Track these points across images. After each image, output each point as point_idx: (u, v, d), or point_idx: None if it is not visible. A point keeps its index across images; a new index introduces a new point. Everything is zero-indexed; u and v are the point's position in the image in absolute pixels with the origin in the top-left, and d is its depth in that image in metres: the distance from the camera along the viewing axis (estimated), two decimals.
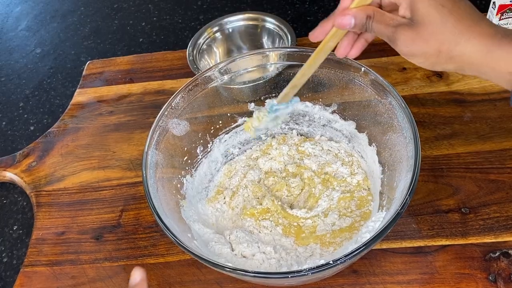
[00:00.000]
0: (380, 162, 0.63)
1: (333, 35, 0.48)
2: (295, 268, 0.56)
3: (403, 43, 0.44)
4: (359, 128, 0.66)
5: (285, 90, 0.54)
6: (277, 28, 0.85)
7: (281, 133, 0.73)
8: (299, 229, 0.61)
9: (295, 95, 0.55)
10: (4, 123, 0.93)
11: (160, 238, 0.66)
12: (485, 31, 0.42)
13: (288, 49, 0.67)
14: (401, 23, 0.44)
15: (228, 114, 0.70)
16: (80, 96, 0.90)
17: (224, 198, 0.66)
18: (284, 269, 0.57)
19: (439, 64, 0.44)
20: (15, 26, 1.16)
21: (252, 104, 0.70)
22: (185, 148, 0.66)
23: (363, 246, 0.47)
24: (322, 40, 0.49)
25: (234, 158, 0.72)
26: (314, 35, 0.49)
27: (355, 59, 0.53)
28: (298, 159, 0.69)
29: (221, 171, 0.71)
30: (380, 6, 0.48)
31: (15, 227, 0.75)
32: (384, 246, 0.61)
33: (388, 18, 0.45)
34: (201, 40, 0.85)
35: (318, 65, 0.51)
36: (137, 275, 0.48)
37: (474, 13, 0.43)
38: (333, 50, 0.50)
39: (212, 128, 0.70)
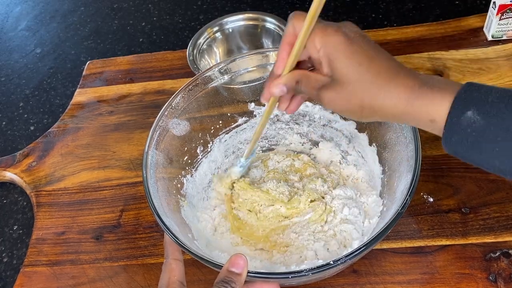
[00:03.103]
0: (380, 162, 0.63)
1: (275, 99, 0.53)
2: (293, 268, 0.56)
3: (327, 104, 0.47)
4: (359, 128, 0.66)
5: (249, 147, 0.63)
6: (277, 28, 0.85)
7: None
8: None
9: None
10: (4, 123, 0.93)
11: (160, 238, 0.66)
12: (403, 82, 0.43)
13: None
14: (324, 84, 0.46)
15: (228, 114, 0.70)
16: (80, 96, 0.90)
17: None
18: (283, 269, 0.57)
19: (364, 117, 0.47)
20: (15, 26, 1.16)
21: (252, 104, 0.70)
22: (185, 148, 0.66)
23: (363, 246, 0.47)
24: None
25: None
26: (263, 98, 0.52)
27: None
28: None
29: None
30: (312, 62, 0.50)
31: (15, 227, 0.75)
32: (385, 246, 0.61)
33: (313, 81, 0.47)
34: (201, 40, 0.85)
35: (267, 122, 0.58)
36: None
37: (392, 66, 0.44)
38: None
39: (212, 128, 0.70)
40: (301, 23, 0.45)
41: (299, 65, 0.49)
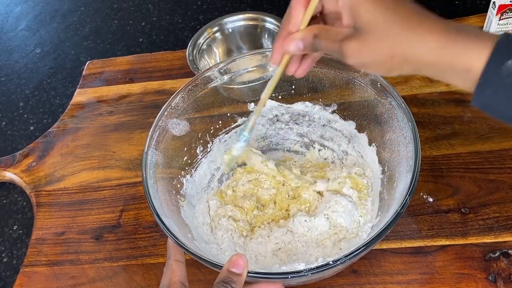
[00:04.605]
0: (380, 162, 0.63)
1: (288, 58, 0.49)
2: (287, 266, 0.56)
3: (352, 56, 0.42)
4: (359, 128, 0.66)
5: (253, 118, 0.55)
6: (277, 28, 0.85)
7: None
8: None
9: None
10: (4, 123, 0.93)
11: (160, 238, 0.66)
12: (436, 26, 0.40)
13: None
14: (346, 35, 0.42)
15: (228, 114, 0.70)
16: (80, 96, 0.90)
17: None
18: (284, 268, 0.57)
19: (394, 69, 0.42)
20: (15, 26, 1.16)
21: (252, 104, 0.70)
22: (185, 148, 0.66)
23: (363, 246, 0.47)
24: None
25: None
26: (274, 59, 0.49)
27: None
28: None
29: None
30: (324, 19, 0.47)
31: (15, 227, 0.75)
32: (384, 246, 0.61)
33: (333, 33, 0.44)
34: (201, 40, 0.85)
35: (273, 88, 0.52)
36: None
37: (420, 10, 0.41)
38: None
39: (212, 128, 0.70)
40: None
41: (310, 23, 0.46)
